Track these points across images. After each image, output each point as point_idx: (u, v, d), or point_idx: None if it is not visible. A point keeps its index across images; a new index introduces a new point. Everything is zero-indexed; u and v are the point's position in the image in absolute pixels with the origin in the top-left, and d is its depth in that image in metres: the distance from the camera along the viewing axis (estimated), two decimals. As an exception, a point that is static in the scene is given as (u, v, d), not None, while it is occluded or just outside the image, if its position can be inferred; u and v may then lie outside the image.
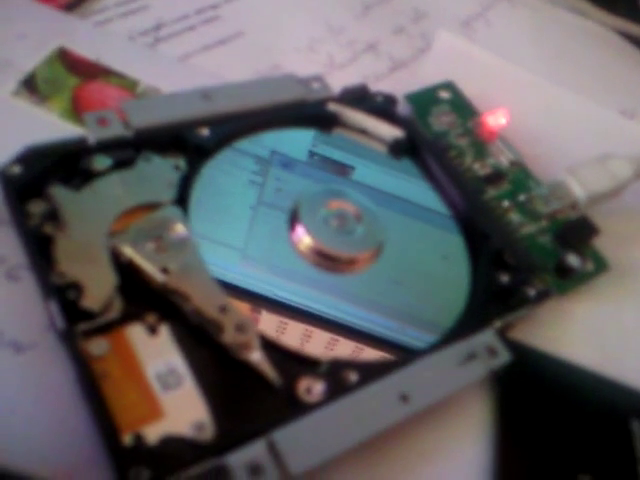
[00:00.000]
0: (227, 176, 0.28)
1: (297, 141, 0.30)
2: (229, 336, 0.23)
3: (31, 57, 0.31)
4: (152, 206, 0.25)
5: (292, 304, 0.25)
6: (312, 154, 0.30)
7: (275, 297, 0.25)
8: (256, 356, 0.23)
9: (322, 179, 0.29)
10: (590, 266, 0.30)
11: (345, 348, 0.25)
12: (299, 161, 0.29)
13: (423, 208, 0.30)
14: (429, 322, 0.26)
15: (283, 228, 0.27)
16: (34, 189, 0.25)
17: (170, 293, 0.23)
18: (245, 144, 0.29)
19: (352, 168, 0.30)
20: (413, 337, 0.26)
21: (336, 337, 0.25)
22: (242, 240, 0.26)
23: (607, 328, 0.29)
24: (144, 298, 0.24)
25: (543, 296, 0.27)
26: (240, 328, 0.23)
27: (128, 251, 0.23)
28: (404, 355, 0.25)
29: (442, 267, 0.28)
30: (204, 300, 0.23)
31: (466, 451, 0.25)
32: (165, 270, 0.23)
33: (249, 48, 0.36)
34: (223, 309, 0.23)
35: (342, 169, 0.30)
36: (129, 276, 0.23)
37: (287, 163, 0.29)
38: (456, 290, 0.27)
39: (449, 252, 0.29)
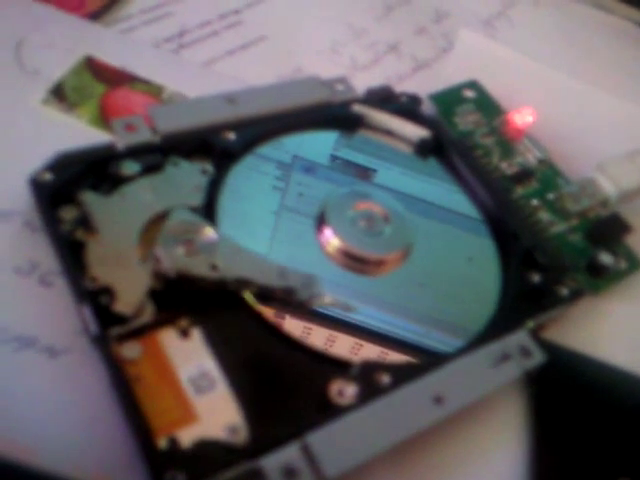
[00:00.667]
0: (250, 182, 0.28)
1: (319, 145, 0.30)
2: (302, 294, 0.24)
3: (59, 66, 0.31)
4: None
5: (317, 308, 0.25)
6: (334, 158, 0.30)
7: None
8: (328, 299, 0.25)
9: (344, 183, 0.29)
10: (623, 264, 0.29)
11: (370, 352, 0.25)
12: (321, 165, 0.29)
13: (446, 210, 0.29)
14: (456, 326, 0.26)
15: (306, 232, 0.27)
16: (65, 195, 0.25)
17: (229, 285, 0.24)
18: (267, 149, 0.29)
19: (374, 171, 0.30)
20: (439, 341, 0.25)
21: (360, 342, 0.25)
22: (266, 245, 0.26)
23: (642, 327, 0.29)
24: (175, 304, 0.24)
25: (576, 295, 0.27)
26: (307, 283, 0.24)
27: (171, 259, 0.23)
28: (431, 359, 0.24)
29: (469, 270, 0.28)
30: (263, 275, 0.24)
31: (501, 454, 0.24)
32: (214, 267, 0.24)
33: (272, 52, 0.36)
34: (283, 274, 0.24)
35: (364, 172, 0.30)
36: (172, 286, 0.24)
37: (309, 167, 0.29)
38: (485, 294, 0.27)
39: (475, 254, 0.28)
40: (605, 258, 0.29)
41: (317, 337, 0.25)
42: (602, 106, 0.37)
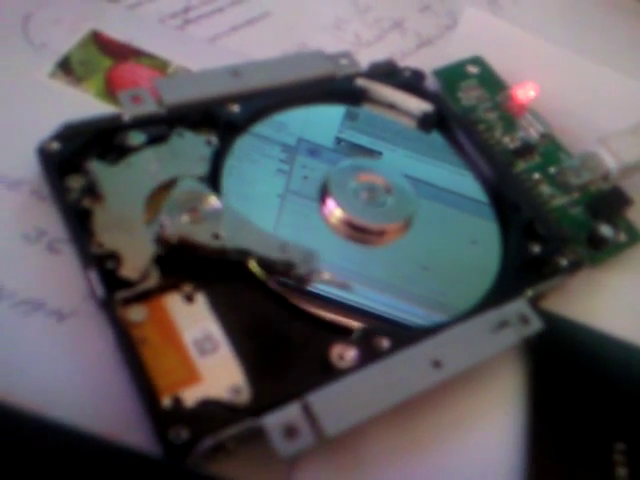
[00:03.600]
0: (255, 164, 0.28)
1: (323, 127, 0.30)
2: (301, 268, 0.24)
3: (66, 40, 0.32)
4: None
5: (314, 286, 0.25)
6: (339, 140, 0.30)
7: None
8: (327, 276, 0.25)
9: None
10: (623, 237, 0.30)
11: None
12: (326, 148, 0.30)
13: (450, 192, 0.29)
14: (448, 306, 0.26)
15: (310, 215, 0.27)
16: (72, 164, 0.25)
17: (230, 255, 0.24)
18: (271, 132, 0.29)
19: (379, 154, 0.30)
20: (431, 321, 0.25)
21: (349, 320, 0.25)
22: (270, 224, 0.26)
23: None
24: (180, 270, 0.24)
25: (576, 266, 0.27)
26: (307, 259, 0.25)
27: (175, 225, 0.24)
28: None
29: (470, 251, 0.28)
30: (265, 247, 0.24)
31: (498, 419, 0.25)
32: (217, 236, 0.24)
33: (276, 28, 0.36)
34: (284, 248, 0.25)
35: (369, 155, 0.30)
36: (175, 252, 0.24)
37: (314, 150, 0.29)
38: (482, 274, 0.27)
39: (478, 237, 0.28)
40: (605, 230, 0.29)
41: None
42: (604, 82, 0.37)
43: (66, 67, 0.31)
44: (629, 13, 0.43)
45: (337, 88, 0.31)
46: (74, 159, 0.25)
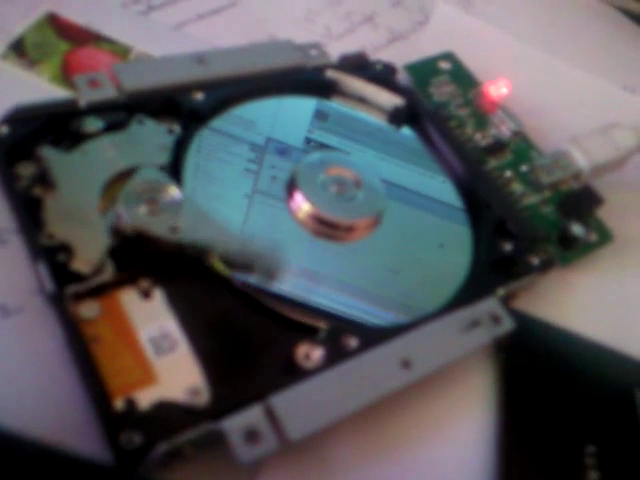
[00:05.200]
0: (222, 163, 0.27)
1: (293, 127, 0.29)
2: (260, 271, 0.23)
3: (19, 21, 0.30)
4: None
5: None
6: (308, 140, 0.29)
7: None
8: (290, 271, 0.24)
9: None
10: (594, 237, 0.29)
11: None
12: (295, 148, 0.28)
13: (420, 195, 0.29)
14: (413, 308, 0.25)
15: (278, 215, 0.26)
16: (22, 150, 0.24)
17: (187, 250, 0.23)
18: (239, 130, 0.28)
19: (348, 154, 0.29)
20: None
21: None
22: (238, 226, 0.25)
23: (610, 299, 0.29)
24: (137, 264, 0.23)
25: (547, 265, 0.27)
26: (270, 253, 0.24)
27: (131, 217, 0.23)
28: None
29: (439, 254, 0.27)
30: (224, 245, 0.23)
31: (469, 420, 0.24)
32: (174, 229, 0.23)
33: (244, 18, 0.35)
34: (245, 247, 0.24)
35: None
36: (130, 244, 0.23)
37: (283, 150, 0.28)
38: (449, 278, 0.26)
39: (447, 240, 0.27)
40: (577, 229, 0.29)
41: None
42: (575, 82, 0.37)
43: (19, 49, 0.29)
44: (601, 17, 0.43)
45: (306, 79, 0.30)
46: (25, 145, 0.24)
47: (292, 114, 0.29)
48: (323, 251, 0.26)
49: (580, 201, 0.29)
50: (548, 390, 0.25)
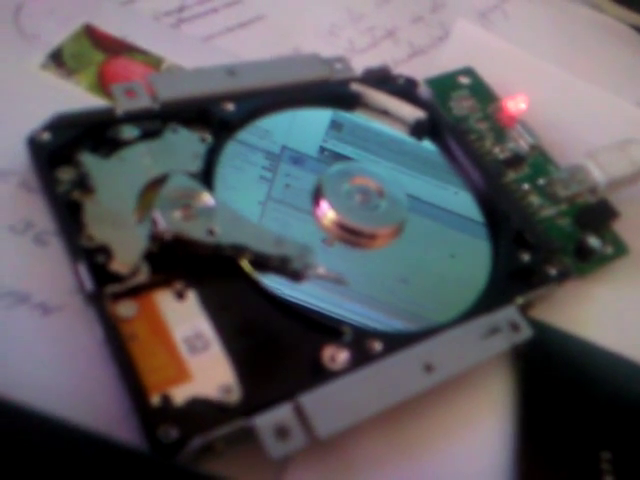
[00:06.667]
0: (238, 171, 0.27)
1: (308, 136, 0.30)
2: (297, 263, 0.25)
3: (58, 32, 0.31)
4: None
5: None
6: (323, 150, 0.30)
7: None
8: (322, 270, 0.25)
9: None
10: (609, 249, 0.30)
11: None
12: (310, 157, 0.29)
13: (433, 206, 0.29)
14: (428, 319, 0.25)
15: (289, 224, 0.27)
16: (63, 156, 0.25)
17: (224, 251, 0.24)
18: (255, 139, 0.28)
19: (375, 164, 0.30)
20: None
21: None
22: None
23: (625, 310, 0.30)
24: (171, 267, 0.24)
25: (564, 275, 0.28)
26: (302, 253, 0.25)
27: (168, 222, 0.23)
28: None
29: (457, 267, 0.28)
30: (260, 243, 0.24)
31: (488, 425, 0.25)
32: (211, 232, 0.24)
33: (270, 31, 0.36)
34: (279, 243, 0.24)
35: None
36: (168, 248, 0.24)
37: (297, 159, 0.29)
38: (466, 291, 0.26)
39: (464, 252, 0.28)
40: (593, 242, 0.29)
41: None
42: (591, 99, 0.37)
43: (58, 59, 0.30)
44: (616, 35, 0.44)
45: (331, 92, 0.31)
46: (65, 150, 0.25)
47: (307, 123, 0.30)
48: (346, 258, 0.27)
49: (596, 214, 0.30)
50: (565, 397, 0.26)
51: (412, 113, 0.31)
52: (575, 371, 0.26)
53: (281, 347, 0.23)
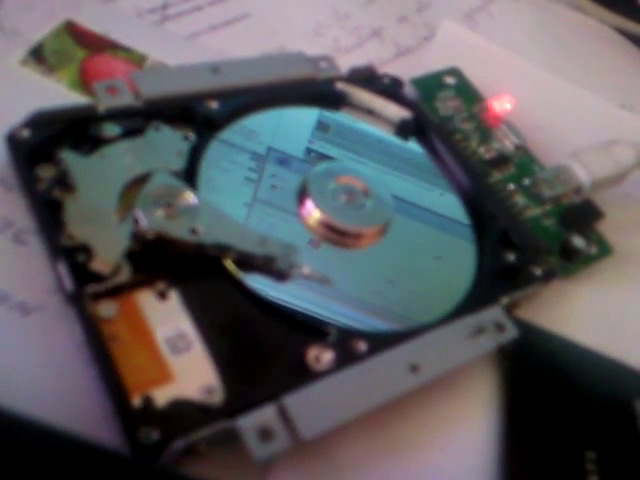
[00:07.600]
0: (223, 172, 0.27)
1: (294, 137, 0.30)
2: (281, 261, 0.24)
3: (39, 28, 0.31)
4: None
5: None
6: (309, 151, 0.30)
7: None
8: (306, 270, 0.25)
9: None
10: (594, 249, 0.30)
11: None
12: (296, 158, 0.29)
13: (419, 207, 0.29)
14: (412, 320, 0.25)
15: (275, 225, 0.26)
16: (43, 154, 0.24)
17: (207, 250, 0.23)
18: (241, 139, 0.28)
19: (361, 164, 0.30)
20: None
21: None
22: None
23: (609, 310, 0.30)
24: (153, 266, 0.23)
25: (549, 275, 0.28)
26: (286, 252, 0.24)
27: (149, 220, 0.23)
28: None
29: (441, 268, 0.28)
30: (244, 242, 0.24)
31: (473, 425, 0.25)
32: (194, 231, 0.23)
33: (255, 30, 0.36)
34: (263, 242, 0.24)
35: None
36: (150, 248, 0.23)
37: (283, 160, 0.29)
38: (451, 291, 0.26)
39: (449, 253, 0.28)
40: (578, 242, 0.29)
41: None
42: (575, 99, 0.38)
43: (38, 55, 0.30)
44: (600, 37, 0.44)
45: (316, 91, 0.31)
46: (45, 148, 0.24)
47: (293, 124, 0.30)
48: (330, 257, 0.26)
49: (581, 215, 0.30)
50: (550, 397, 0.25)
51: (397, 113, 0.31)
52: (560, 371, 0.26)
53: (265, 348, 0.23)
